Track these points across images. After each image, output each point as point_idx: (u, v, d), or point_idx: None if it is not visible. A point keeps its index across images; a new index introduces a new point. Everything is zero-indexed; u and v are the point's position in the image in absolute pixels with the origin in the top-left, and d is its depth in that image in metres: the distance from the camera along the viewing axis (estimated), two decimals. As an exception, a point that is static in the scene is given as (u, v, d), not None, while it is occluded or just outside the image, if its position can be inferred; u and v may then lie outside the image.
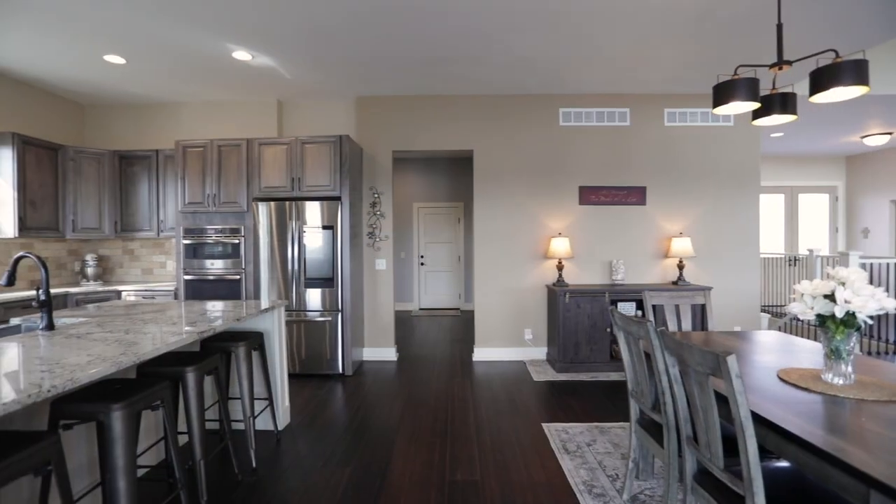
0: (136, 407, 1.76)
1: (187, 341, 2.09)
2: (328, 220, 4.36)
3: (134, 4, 3.11)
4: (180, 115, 5.23)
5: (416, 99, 5.02)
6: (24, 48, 3.78)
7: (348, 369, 4.43)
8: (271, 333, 3.19)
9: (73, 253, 5.18)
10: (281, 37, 3.60)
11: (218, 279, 4.48)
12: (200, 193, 4.50)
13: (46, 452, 1.41)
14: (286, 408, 3.33)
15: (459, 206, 8.72)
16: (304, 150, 4.41)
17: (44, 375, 1.48)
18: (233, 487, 2.50)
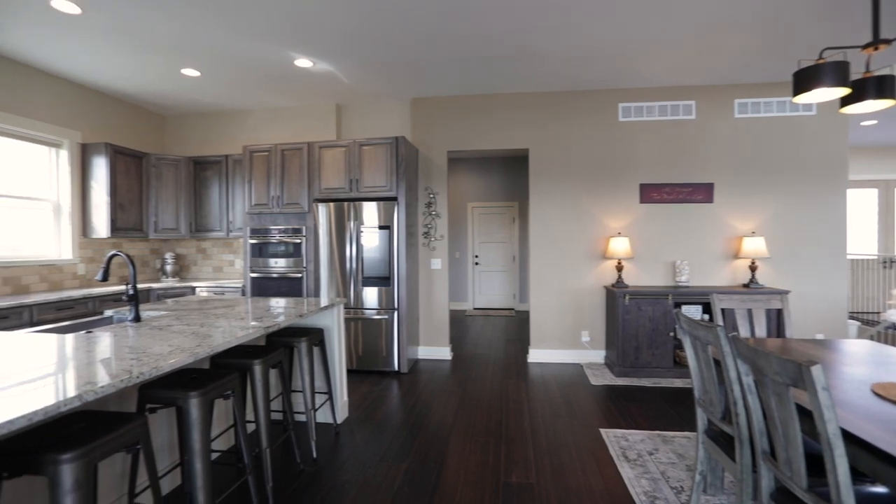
0: (210, 395, 1.89)
1: (255, 335, 2.21)
2: (385, 220, 4.45)
3: (210, 22, 3.32)
4: (247, 121, 5.54)
5: (471, 99, 5.02)
6: (116, 67, 4.15)
7: (404, 367, 4.51)
8: (331, 330, 3.30)
9: (155, 252, 5.64)
10: (340, 43, 3.72)
11: (281, 277, 4.70)
12: (265, 195, 4.74)
13: (136, 432, 1.54)
14: (344, 402, 3.43)
15: (514, 205, 8.63)
16: (361, 152, 4.53)
17: (133, 363, 1.61)
18: (295, 476, 2.61)
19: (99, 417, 1.55)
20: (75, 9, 3.18)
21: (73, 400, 1.28)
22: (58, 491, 1.28)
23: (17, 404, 1.22)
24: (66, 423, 1.50)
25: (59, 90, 4.47)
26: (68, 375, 1.48)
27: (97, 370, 1.53)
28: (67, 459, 1.28)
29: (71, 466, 1.28)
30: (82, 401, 1.30)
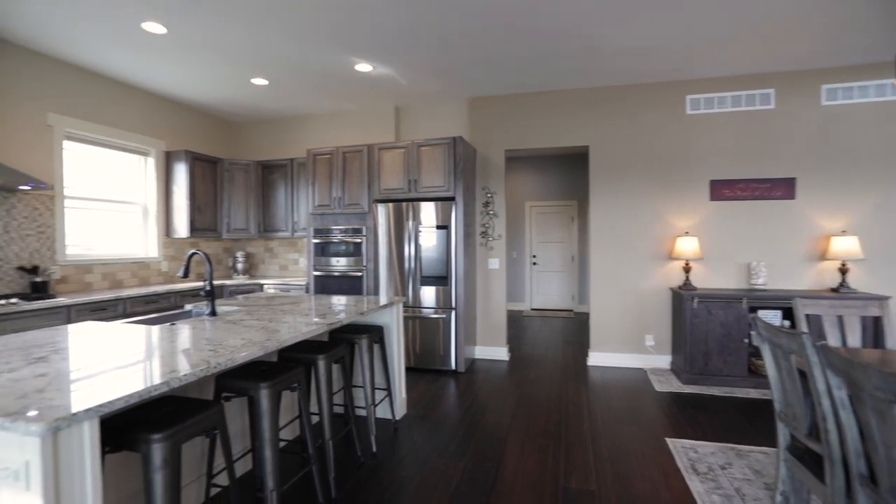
0: (278, 387, 1.98)
1: (319, 331, 2.30)
2: (443, 219, 4.49)
3: (278, 34, 3.50)
4: (310, 126, 5.79)
5: (528, 96, 4.94)
6: (194, 80, 4.48)
7: (461, 366, 4.53)
8: (390, 328, 3.37)
9: (227, 250, 6.02)
10: (398, 45, 3.79)
11: (342, 275, 4.86)
12: (328, 196, 4.93)
13: (213, 418, 1.64)
14: (403, 399, 3.50)
15: (573, 204, 8.41)
16: (419, 152, 4.59)
17: (210, 354, 1.73)
18: (356, 468, 2.68)
19: (182, 403, 1.67)
20: (162, 29, 3.46)
21: (161, 386, 1.39)
22: (149, 467, 1.39)
23: (116, 387, 1.34)
24: (156, 406, 1.63)
25: (147, 103, 4.89)
26: (157, 363, 1.61)
27: (181, 359, 1.66)
28: (158, 439, 1.39)
29: (160, 446, 1.40)
30: (169, 387, 1.41)
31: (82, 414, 1.15)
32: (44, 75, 3.95)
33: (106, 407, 1.21)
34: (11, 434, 1.12)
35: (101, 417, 1.25)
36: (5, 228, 3.66)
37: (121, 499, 1.93)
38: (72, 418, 1.12)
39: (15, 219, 3.73)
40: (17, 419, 1.09)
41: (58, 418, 1.10)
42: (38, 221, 3.89)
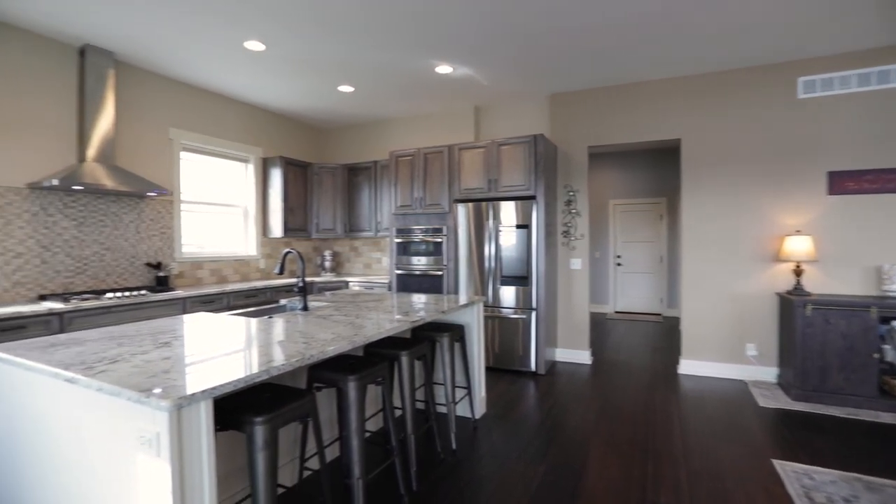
0: (365, 380, 2.07)
1: (403, 328, 2.36)
2: (523, 219, 4.43)
3: (364, 43, 3.66)
4: (393, 129, 5.99)
5: (612, 90, 4.72)
6: (287, 90, 4.82)
7: (541, 368, 4.43)
8: (471, 327, 3.39)
9: (316, 249, 6.41)
10: (478, 46, 3.79)
11: (423, 274, 4.97)
12: (409, 197, 5.06)
13: (307, 406, 1.76)
14: (482, 398, 3.50)
15: (661, 201, 7.90)
16: (499, 151, 4.57)
17: (304, 346, 1.85)
18: (436, 464, 2.73)
19: (279, 390, 1.80)
20: (261, 46, 3.77)
21: (262, 374, 1.50)
22: (253, 446, 1.52)
23: (225, 372, 1.47)
24: (257, 391, 1.78)
25: (246, 114, 5.35)
26: (259, 353, 1.75)
27: (279, 350, 1.79)
28: (260, 422, 1.52)
29: (262, 428, 1.52)
30: (269, 375, 1.53)
31: (199, 394, 1.28)
32: (165, 95, 4.48)
33: (218, 389, 1.34)
34: (146, 408, 1.28)
35: (213, 398, 1.38)
36: (136, 230, 4.20)
37: (227, 472, 2.12)
38: (191, 398, 1.26)
39: (144, 221, 4.26)
40: (150, 395, 1.24)
41: (181, 397, 1.24)
42: (160, 223, 4.41)
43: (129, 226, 4.14)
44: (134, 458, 1.34)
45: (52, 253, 3.63)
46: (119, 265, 4.07)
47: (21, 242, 3.46)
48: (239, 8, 3.17)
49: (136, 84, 4.23)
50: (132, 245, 4.17)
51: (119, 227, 4.07)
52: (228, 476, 2.13)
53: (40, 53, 3.58)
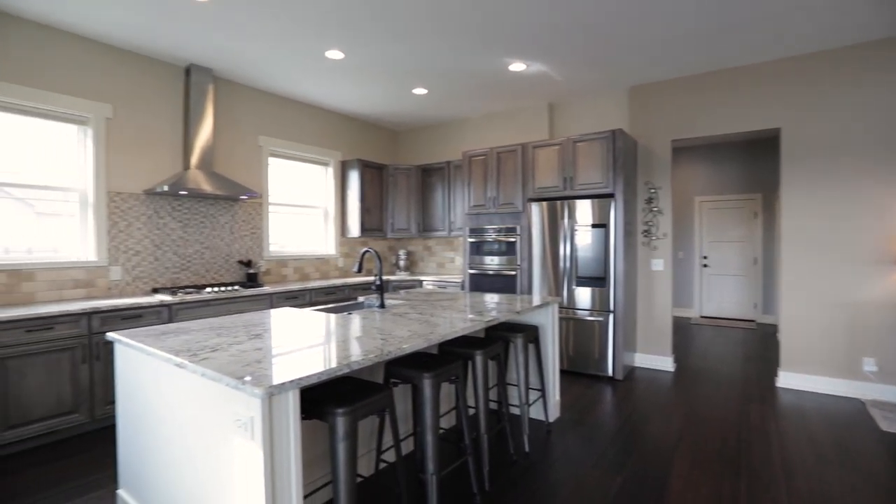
0: (440, 378, 2.09)
1: (477, 328, 2.36)
2: (600, 218, 4.26)
3: (438, 47, 3.71)
4: (465, 129, 6.01)
5: (698, 78, 4.39)
6: (364, 95, 5.01)
7: (618, 373, 4.24)
8: (545, 328, 3.32)
9: (391, 249, 6.61)
10: (552, 41, 3.70)
11: (496, 274, 4.95)
12: (483, 196, 5.06)
13: (384, 401, 1.81)
14: (557, 401, 3.41)
15: (756, 197, 7.24)
16: (575, 149, 4.43)
17: (382, 343, 1.90)
18: (508, 465, 2.70)
19: (358, 384, 1.87)
20: (340, 55, 3.95)
21: (343, 367, 1.57)
22: (335, 436, 1.59)
23: (310, 364, 1.56)
24: (337, 384, 1.86)
25: (326, 120, 5.63)
26: (341, 347, 1.83)
27: (359, 345, 1.86)
28: (342, 413, 1.59)
29: (344, 419, 1.59)
30: (350, 368, 1.59)
31: (289, 384, 1.37)
32: (255, 105, 4.84)
33: (304, 380, 1.42)
34: (241, 393, 1.38)
35: (300, 388, 1.46)
36: (230, 230, 4.58)
37: (309, 459, 2.25)
38: (281, 387, 1.34)
39: (237, 223, 4.63)
40: (245, 382, 1.34)
41: (272, 385, 1.32)
42: (251, 224, 4.77)
43: (224, 226, 4.52)
44: (231, 438, 1.46)
45: (163, 251, 4.06)
46: (216, 262, 4.46)
47: (139, 242, 3.91)
48: (321, 21, 3.34)
49: (230, 97, 4.61)
50: (227, 244, 4.55)
51: (216, 227, 4.46)
52: (310, 462, 2.26)
53: (154, 75, 4.02)
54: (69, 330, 3.04)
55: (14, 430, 2.83)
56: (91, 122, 3.64)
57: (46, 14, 3.23)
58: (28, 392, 2.88)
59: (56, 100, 3.45)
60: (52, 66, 3.45)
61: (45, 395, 2.94)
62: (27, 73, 3.33)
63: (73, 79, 3.56)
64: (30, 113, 3.38)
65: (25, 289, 3.31)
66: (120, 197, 3.80)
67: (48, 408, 2.96)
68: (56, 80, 3.47)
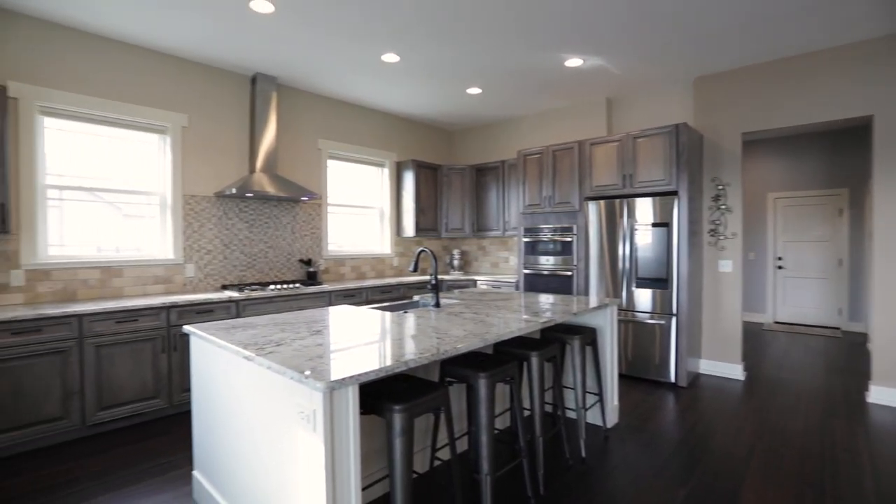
0: (495, 378, 2.08)
1: (534, 328, 2.32)
2: (662, 216, 4.06)
3: (493, 46, 3.69)
4: (520, 127, 5.94)
5: (773, 65, 4.07)
6: (418, 96, 5.07)
7: (682, 380, 4.03)
8: (603, 330, 3.21)
9: (445, 248, 6.65)
10: (611, 33, 3.57)
11: (551, 274, 4.85)
12: (538, 196, 4.98)
13: (440, 399, 1.82)
14: (615, 406, 3.29)
15: (841, 193, 6.63)
16: (635, 145, 4.26)
17: (438, 342, 1.92)
18: (564, 470, 2.63)
19: (414, 381, 1.90)
20: (396, 58, 4.02)
21: (401, 365, 1.59)
22: (392, 432, 1.62)
23: (369, 360, 1.60)
24: (393, 381, 1.89)
25: (381, 122, 5.76)
26: (398, 345, 1.86)
27: (415, 343, 1.88)
28: (399, 409, 1.61)
29: (401, 416, 1.61)
30: (407, 366, 1.61)
31: (349, 379, 1.40)
32: (314, 110, 5.03)
33: (364, 376, 1.45)
34: (304, 387, 1.44)
35: (359, 384, 1.50)
36: (292, 230, 4.79)
37: (366, 453, 2.30)
38: (342, 382, 1.38)
39: (298, 223, 4.84)
40: (308, 376, 1.40)
41: (333, 380, 1.37)
42: (311, 225, 4.96)
43: (286, 227, 4.74)
44: (294, 429, 1.52)
45: (231, 250, 4.31)
46: (278, 261, 4.68)
47: (210, 241, 4.17)
48: (378, 26, 3.42)
49: (291, 102, 4.82)
50: (289, 244, 4.76)
51: (279, 227, 4.68)
52: (366, 456, 2.31)
53: (224, 85, 4.28)
54: (151, 322, 3.31)
55: (106, 410, 3.11)
56: (169, 131, 3.94)
57: (129, 34, 3.52)
58: (117, 377, 3.16)
59: (140, 112, 3.76)
60: (136, 81, 3.76)
61: (131, 380, 3.22)
62: (115, 89, 3.65)
63: (155, 92, 3.86)
64: (118, 124, 3.70)
65: (115, 284, 3.63)
66: (194, 199, 4.08)
67: (134, 392, 3.23)
68: (140, 94, 3.78)
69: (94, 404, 3.07)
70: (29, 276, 3.27)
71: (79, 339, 3.01)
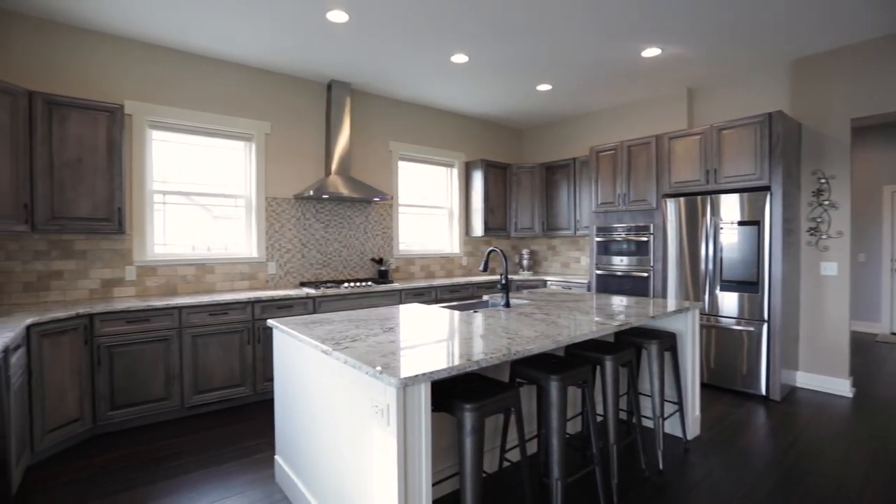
0: (567, 381, 2.02)
1: (608, 331, 2.23)
2: (750, 214, 3.74)
3: (563, 40, 3.59)
4: (591, 123, 5.73)
5: (891, 40, 3.60)
6: (487, 96, 5.05)
7: (775, 393, 3.68)
8: (684, 336, 3.01)
9: (514, 248, 6.58)
10: (695, 17, 3.33)
11: (625, 275, 4.63)
12: (611, 194, 4.77)
13: (511, 400, 1.80)
14: (696, 417, 3.08)
15: (974, 186, 5.73)
16: (720, 137, 3.95)
17: (509, 342, 1.90)
18: (639, 482, 2.50)
19: (485, 381, 1.89)
20: (465, 58, 4.04)
21: (472, 364, 1.59)
22: (462, 430, 1.63)
23: (439, 358, 1.61)
24: (464, 380, 1.90)
25: (450, 122, 5.80)
26: (468, 344, 1.87)
27: (486, 343, 1.88)
28: (470, 408, 1.61)
29: (472, 415, 1.61)
30: (478, 366, 1.61)
31: (421, 376, 1.43)
32: (385, 113, 5.18)
33: (436, 374, 1.47)
34: (379, 382, 1.48)
35: (430, 381, 1.52)
36: (364, 230, 4.96)
37: (435, 450, 2.33)
38: (415, 378, 1.41)
39: (370, 223, 5.01)
40: (382, 372, 1.44)
41: (406, 377, 1.39)
42: (382, 225, 5.12)
43: (359, 227, 4.92)
44: (368, 422, 1.57)
45: (308, 249, 4.56)
46: (352, 260, 4.87)
47: (289, 241, 4.44)
48: (448, 28, 3.45)
49: (364, 106, 5.00)
50: (361, 243, 4.95)
51: (352, 228, 4.87)
52: (435, 453, 2.34)
53: (303, 93, 4.53)
54: (238, 315, 3.58)
55: (201, 394, 3.41)
56: (254, 138, 4.23)
57: (221, 51, 3.82)
58: (209, 365, 3.45)
59: (229, 121, 4.08)
60: (226, 93, 4.09)
61: (220, 368, 3.50)
62: (208, 101, 3.99)
63: (242, 102, 4.17)
64: (210, 134, 4.04)
65: (208, 280, 3.97)
66: (275, 202, 4.36)
67: (223, 379, 3.51)
68: (229, 105, 4.10)
69: (191, 388, 3.37)
70: (139, 271, 3.67)
71: (179, 328, 3.32)
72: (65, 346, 2.85)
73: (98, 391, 3.04)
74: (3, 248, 3.17)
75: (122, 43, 3.61)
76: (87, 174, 3.20)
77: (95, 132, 3.23)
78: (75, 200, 3.16)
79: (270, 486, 2.48)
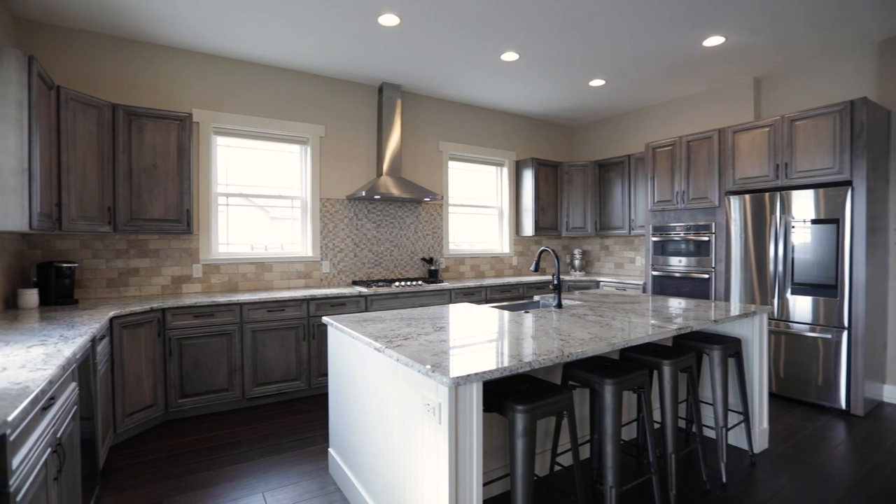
0: (623, 386, 1.95)
1: (667, 335, 2.13)
2: (828, 211, 3.46)
3: (620, 32, 3.47)
4: (648, 118, 5.50)
5: None
6: (538, 93, 4.97)
7: (857, 407, 3.38)
8: (750, 342, 2.83)
9: (566, 248, 6.43)
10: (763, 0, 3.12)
11: (683, 277, 4.42)
12: (669, 191, 4.57)
13: (563, 403, 1.76)
14: (764, 429, 2.88)
15: None
16: (792, 129, 3.68)
17: (561, 344, 1.85)
18: (700, 494, 2.38)
19: (537, 383, 1.86)
20: (515, 56, 3.99)
21: (524, 365, 1.57)
22: (514, 431, 1.61)
23: (491, 359, 1.60)
24: (515, 381, 1.87)
25: (500, 121, 5.76)
26: (519, 345, 1.84)
27: (538, 344, 1.84)
28: (522, 410, 1.59)
29: (523, 416, 1.59)
30: (531, 367, 1.58)
31: (474, 376, 1.42)
32: (435, 113, 5.21)
33: (488, 374, 1.46)
34: (431, 380, 1.49)
35: (482, 381, 1.51)
36: (415, 230, 5.02)
37: (486, 450, 2.32)
38: (467, 378, 1.41)
39: (420, 223, 5.06)
40: (435, 371, 1.45)
41: (459, 376, 1.39)
42: (432, 224, 5.16)
43: (409, 226, 4.99)
44: (420, 420, 1.59)
45: (360, 248, 4.67)
46: (402, 259, 4.95)
47: (342, 240, 4.57)
48: (498, 27, 3.42)
49: (414, 108, 5.06)
50: (412, 242, 5.01)
51: (403, 227, 4.94)
52: (486, 454, 2.33)
53: (355, 96, 4.65)
54: (294, 312, 3.72)
55: (260, 387, 3.59)
56: (310, 141, 4.39)
57: (278, 58, 3.99)
58: (268, 359, 3.62)
59: (286, 126, 4.26)
60: (283, 98, 4.27)
61: (278, 362, 3.66)
62: (267, 107, 4.18)
63: (298, 107, 4.34)
64: (268, 138, 4.24)
65: (266, 278, 4.16)
66: (329, 202, 4.50)
67: (280, 373, 3.67)
68: (286, 110, 4.28)
69: (251, 380, 3.55)
70: (205, 269, 3.90)
71: (240, 323, 3.50)
72: (141, 337, 3.08)
73: (169, 380, 3.26)
74: (90, 247, 3.47)
75: (190, 55, 3.85)
76: (160, 178, 3.44)
77: (167, 139, 3.47)
78: (150, 203, 3.41)
79: (325, 477, 2.56)
